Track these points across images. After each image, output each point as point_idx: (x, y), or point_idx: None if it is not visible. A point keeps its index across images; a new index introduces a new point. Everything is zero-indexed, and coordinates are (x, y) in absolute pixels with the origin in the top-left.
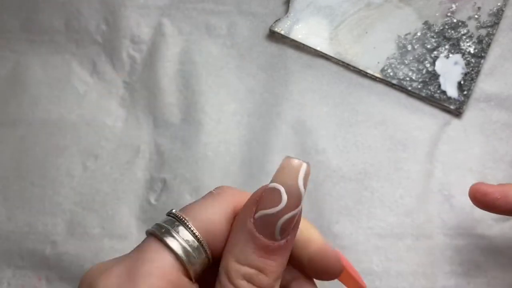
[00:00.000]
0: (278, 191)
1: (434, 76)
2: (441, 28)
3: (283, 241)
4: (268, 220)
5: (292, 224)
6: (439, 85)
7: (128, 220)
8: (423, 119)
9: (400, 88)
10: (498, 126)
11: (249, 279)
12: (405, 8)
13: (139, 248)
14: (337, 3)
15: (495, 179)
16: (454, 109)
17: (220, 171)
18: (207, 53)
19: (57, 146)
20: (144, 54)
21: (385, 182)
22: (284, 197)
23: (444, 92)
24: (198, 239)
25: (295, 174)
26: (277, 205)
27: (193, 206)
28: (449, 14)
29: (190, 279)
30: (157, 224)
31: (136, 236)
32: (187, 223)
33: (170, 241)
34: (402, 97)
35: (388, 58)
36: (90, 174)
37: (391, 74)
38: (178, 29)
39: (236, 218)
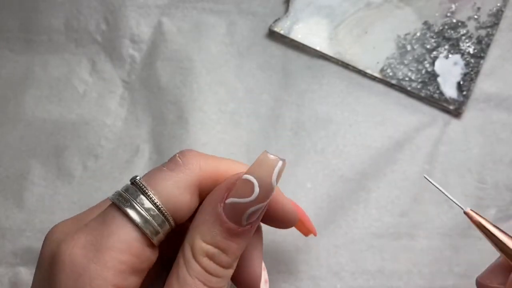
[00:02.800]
0: (252, 183)
1: (434, 76)
2: (440, 28)
3: (247, 226)
4: (238, 208)
5: (259, 214)
6: (439, 86)
7: None
8: (423, 120)
9: (400, 88)
10: (498, 127)
11: (211, 257)
12: (405, 8)
13: (104, 220)
14: (337, 3)
15: (494, 180)
16: (454, 109)
17: None
18: (206, 51)
19: (57, 145)
20: (143, 53)
21: (381, 183)
22: (257, 190)
23: (443, 93)
24: (160, 210)
25: (270, 170)
26: (248, 196)
27: (156, 175)
28: (448, 14)
29: (153, 246)
30: (119, 193)
31: None
32: (149, 193)
33: (132, 213)
34: (402, 97)
35: (387, 58)
36: (90, 173)
37: (391, 74)
38: (178, 28)
39: (206, 199)
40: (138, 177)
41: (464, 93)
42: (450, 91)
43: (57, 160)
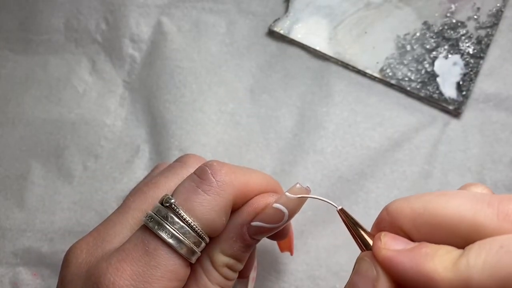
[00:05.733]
0: (283, 213)
1: (433, 76)
2: (440, 28)
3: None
4: (262, 230)
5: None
6: (438, 86)
7: None
8: (422, 120)
9: (399, 88)
10: (497, 127)
11: (230, 267)
12: (405, 8)
13: (146, 251)
14: (336, 2)
15: (493, 180)
16: (453, 109)
17: None
18: (206, 51)
19: (57, 145)
20: (143, 53)
21: (380, 183)
22: (285, 219)
23: (443, 93)
24: (198, 233)
25: (302, 202)
26: (277, 223)
27: (191, 198)
28: (448, 14)
29: (191, 264)
30: (155, 219)
31: None
32: (188, 220)
33: (175, 243)
34: (401, 97)
35: (387, 58)
36: (90, 173)
37: (390, 74)
38: (178, 27)
39: (231, 219)
40: (173, 200)
41: (464, 93)
42: (450, 91)
43: (57, 160)
